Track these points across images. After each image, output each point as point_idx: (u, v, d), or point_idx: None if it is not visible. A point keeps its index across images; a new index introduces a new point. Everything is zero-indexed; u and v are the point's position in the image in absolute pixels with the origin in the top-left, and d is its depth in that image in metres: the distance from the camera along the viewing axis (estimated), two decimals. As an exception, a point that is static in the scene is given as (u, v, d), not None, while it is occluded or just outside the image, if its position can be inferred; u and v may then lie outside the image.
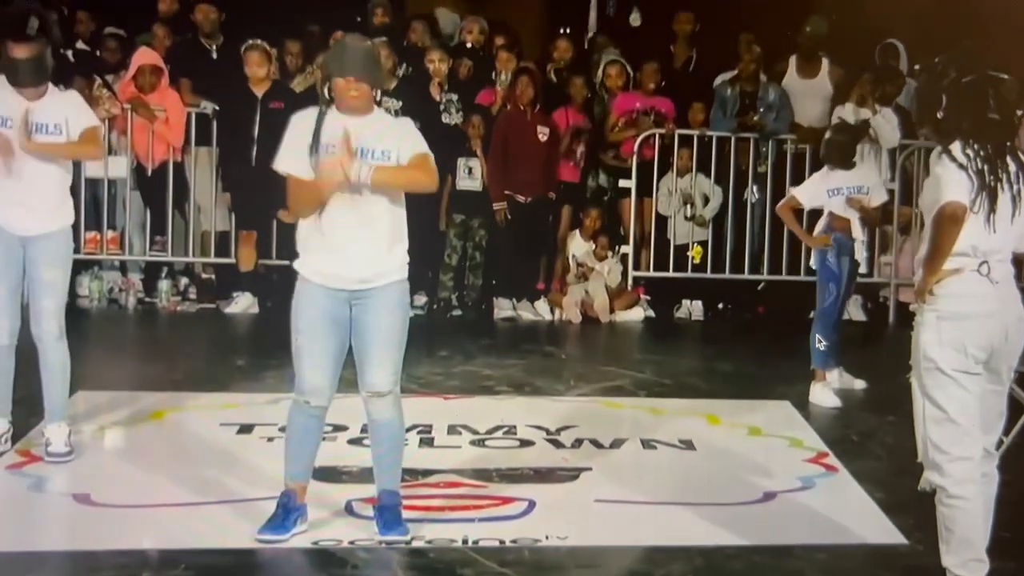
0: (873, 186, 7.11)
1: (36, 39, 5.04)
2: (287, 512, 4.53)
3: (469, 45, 9.88)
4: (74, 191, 8.81)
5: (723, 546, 4.60)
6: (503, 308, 9.38)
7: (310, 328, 4.42)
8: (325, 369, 4.43)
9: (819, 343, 6.91)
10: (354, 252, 4.36)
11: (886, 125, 9.39)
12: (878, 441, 6.12)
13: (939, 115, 4.06)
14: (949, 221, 3.88)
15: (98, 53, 9.67)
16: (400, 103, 8.90)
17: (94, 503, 4.87)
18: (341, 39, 4.54)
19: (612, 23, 11.19)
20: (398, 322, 4.47)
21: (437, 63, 9.33)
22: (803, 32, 9.85)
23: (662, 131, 9.59)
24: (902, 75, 9.95)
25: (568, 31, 10.36)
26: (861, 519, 4.95)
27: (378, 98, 8.04)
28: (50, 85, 5.25)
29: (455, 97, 9.32)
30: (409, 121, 4.70)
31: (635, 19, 11.00)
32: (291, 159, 4.38)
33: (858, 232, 6.96)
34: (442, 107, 9.26)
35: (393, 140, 4.40)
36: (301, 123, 4.40)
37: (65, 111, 5.25)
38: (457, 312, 9.36)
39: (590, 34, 11.09)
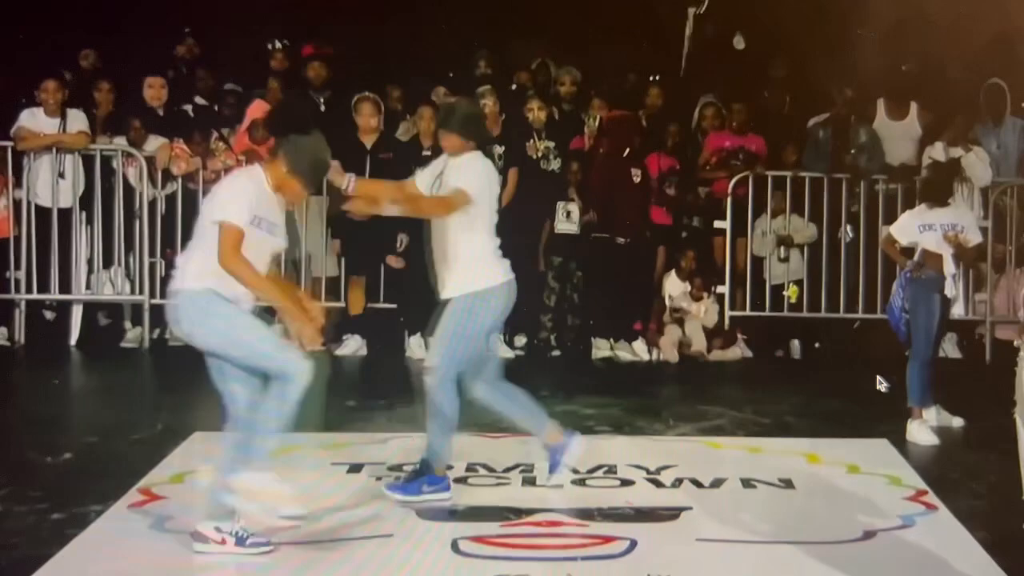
0: (968, 225, 7.11)
1: None
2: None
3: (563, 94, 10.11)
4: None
5: (824, 584, 4.62)
6: (601, 348, 9.51)
7: None
8: None
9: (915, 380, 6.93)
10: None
11: (978, 163, 9.37)
12: (978, 479, 6.08)
13: None
14: None
15: (216, 108, 9.99)
16: (503, 147, 9.18)
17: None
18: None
19: (711, 45, 11.18)
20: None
21: (536, 112, 9.57)
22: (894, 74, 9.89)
23: (754, 172, 9.68)
24: (1001, 114, 9.90)
25: (658, 78, 10.48)
26: (963, 558, 4.90)
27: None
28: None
29: (552, 144, 9.51)
30: (475, 160, 5.40)
31: (738, 42, 10.92)
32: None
33: (950, 268, 6.95)
34: (540, 154, 9.47)
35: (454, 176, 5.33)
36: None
37: None
38: (556, 352, 9.50)
39: (684, 52, 11.08)
